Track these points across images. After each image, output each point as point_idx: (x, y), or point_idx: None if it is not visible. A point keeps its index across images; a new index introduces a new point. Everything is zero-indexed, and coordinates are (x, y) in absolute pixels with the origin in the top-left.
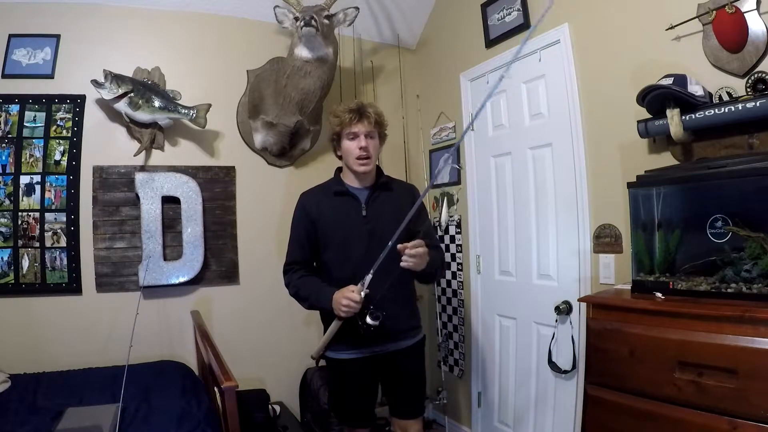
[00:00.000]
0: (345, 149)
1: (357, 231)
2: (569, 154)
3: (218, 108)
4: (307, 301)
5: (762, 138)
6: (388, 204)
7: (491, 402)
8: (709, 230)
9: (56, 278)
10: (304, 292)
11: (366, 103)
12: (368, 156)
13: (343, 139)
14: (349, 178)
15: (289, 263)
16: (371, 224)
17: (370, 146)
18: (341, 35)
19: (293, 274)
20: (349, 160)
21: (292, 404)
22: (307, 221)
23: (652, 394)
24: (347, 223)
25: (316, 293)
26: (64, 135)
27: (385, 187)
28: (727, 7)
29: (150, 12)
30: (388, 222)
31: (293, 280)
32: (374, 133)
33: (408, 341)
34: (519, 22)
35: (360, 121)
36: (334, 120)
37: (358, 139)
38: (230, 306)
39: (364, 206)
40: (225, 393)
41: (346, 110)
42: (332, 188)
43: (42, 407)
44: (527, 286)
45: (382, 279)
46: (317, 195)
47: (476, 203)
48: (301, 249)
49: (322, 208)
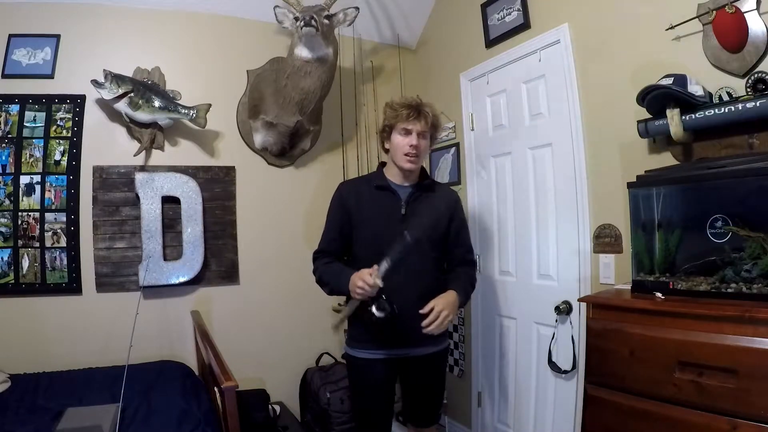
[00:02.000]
0: (395, 143)
1: (392, 229)
2: (569, 154)
3: (218, 108)
4: (329, 286)
5: (762, 138)
6: (427, 206)
7: (491, 402)
8: (709, 230)
9: (56, 278)
10: (326, 277)
11: (424, 102)
12: (417, 155)
13: (394, 133)
14: (392, 174)
15: (319, 251)
16: (407, 224)
17: (421, 145)
18: (341, 35)
19: (320, 260)
20: (397, 155)
21: (292, 404)
22: (342, 211)
23: (652, 394)
24: (384, 218)
25: (338, 277)
26: (64, 135)
27: (428, 188)
28: (727, 7)
29: (150, 12)
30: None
31: (319, 266)
32: (427, 134)
33: (431, 348)
34: (519, 22)
35: (417, 119)
36: (390, 112)
37: (411, 136)
38: (230, 306)
39: (404, 204)
40: (225, 393)
41: (405, 105)
42: (374, 181)
43: (42, 407)
44: (527, 286)
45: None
46: (357, 185)
47: (476, 203)
48: (332, 239)
49: (360, 199)
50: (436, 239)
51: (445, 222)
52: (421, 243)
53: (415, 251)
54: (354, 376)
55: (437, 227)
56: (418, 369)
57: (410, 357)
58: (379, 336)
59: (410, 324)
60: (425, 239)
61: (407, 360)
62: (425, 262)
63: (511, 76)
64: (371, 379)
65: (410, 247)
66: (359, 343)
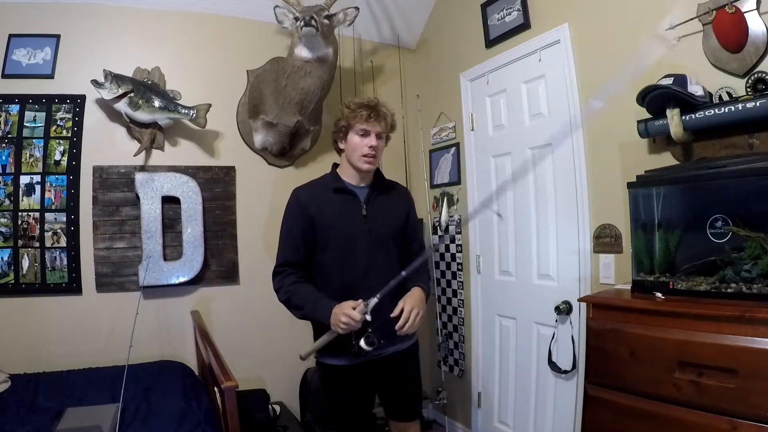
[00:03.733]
0: (351, 144)
1: (358, 230)
2: (569, 154)
3: (218, 108)
4: (301, 311)
5: (762, 138)
6: (386, 204)
7: (491, 402)
8: (709, 230)
9: (56, 278)
10: (297, 301)
11: (381, 102)
12: (375, 155)
13: (351, 134)
14: (348, 175)
15: (281, 264)
16: (371, 224)
17: (379, 146)
18: (341, 35)
19: (285, 278)
20: (354, 156)
21: (292, 404)
22: (303, 219)
23: (652, 394)
24: (348, 221)
25: (313, 304)
26: (64, 135)
27: (383, 187)
28: (727, 7)
29: (150, 12)
30: (386, 222)
31: (285, 285)
32: (383, 135)
33: (404, 344)
34: (519, 22)
35: (376, 120)
36: (347, 112)
37: (370, 137)
38: (230, 306)
39: (364, 205)
40: (225, 393)
41: (362, 105)
42: (330, 185)
43: (42, 407)
44: (527, 286)
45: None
46: (315, 190)
47: (476, 203)
48: (295, 249)
49: (321, 205)
50: (398, 237)
51: (403, 219)
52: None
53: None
54: (329, 384)
55: (397, 225)
56: (391, 367)
57: (385, 356)
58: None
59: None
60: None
61: (382, 360)
62: (392, 261)
63: (511, 76)
64: (351, 385)
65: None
66: (333, 351)
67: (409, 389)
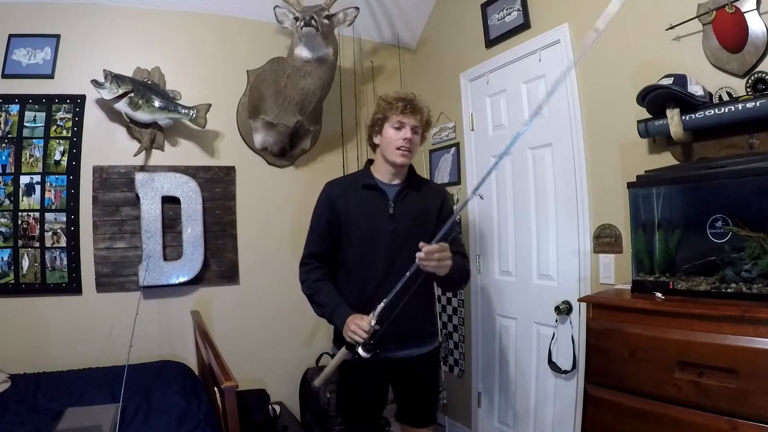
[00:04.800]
0: (387, 137)
1: (382, 229)
2: (569, 154)
3: (218, 108)
4: (322, 310)
5: (762, 138)
6: (415, 204)
7: (491, 402)
8: (709, 230)
9: (56, 278)
10: (320, 299)
11: (418, 97)
12: (410, 149)
13: (386, 126)
14: (380, 172)
15: (308, 255)
16: (396, 223)
17: (414, 140)
18: (341, 35)
19: (311, 272)
20: (389, 149)
21: (292, 404)
22: (330, 212)
23: (652, 394)
24: (373, 219)
25: (333, 308)
26: (64, 135)
27: (415, 186)
28: (727, 7)
29: (150, 12)
30: (413, 223)
31: (310, 279)
32: (419, 130)
33: (423, 348)
34: (519, 22)
35: (413, 113)
36: (384, 104)
37: (405, 130)
38: (230, 306)
39: (392, 203)
40: (225, 393)
41: (399, 98)
42: (360, 180)
43: (42, 407)
44: (527, 286)
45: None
46: (344, 185)
47: (476, 203)
48: (321, 241)
49: (348, 199)
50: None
51: (433, 219)
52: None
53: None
54: (342, 377)
55: (425, 225)
56: (408, 370)
57: (401, 358)
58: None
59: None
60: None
61: (398, 361)
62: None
63: (511, 76)
64: (361, 381)
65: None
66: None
67: (426, 394)
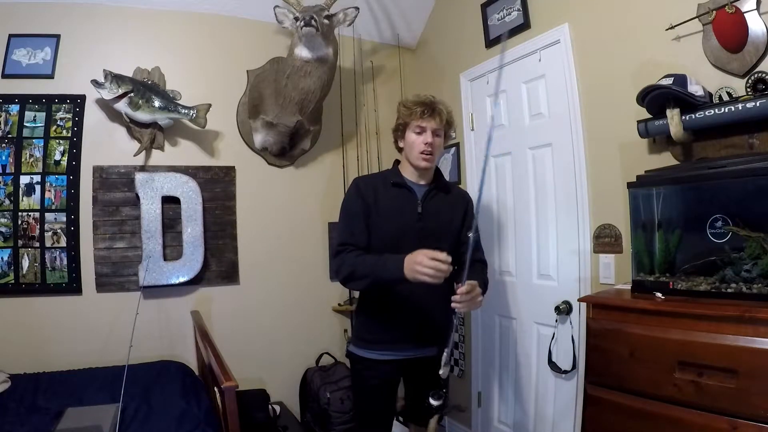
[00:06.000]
0: (409, 142)
1: (410, 227)
2: (569, 154)
3: (218, 108)
4: (368, 278)
5: (762, 138)
6: (443, 205)
7: (491, 402)
8: (709, 230)
9: (56, 278)
10: (363, 269)
11: (438, 100)
12: (432, 153)
13: (408, 132)
14: (408, 172)
15: (343, 244)
16: (424, 222)
17: (435, 143)
18: (341, 35)
19: (347, 254)
20: (412, 154)
21: (292, 404)
22: (362, 203)
23: (652, 394)
24: (402, 216)
25: (381, 264)
26: (64, 135)
27: (442, 187)
28: (727, 7)
29: (150, 12)
30: (441, 223)
31: (348, 259)
32: (441, 132)
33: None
34: (519, 22)
35: (432, 117)
36: (404, 110)
37: (425, 134)
38: (230, 306)
39: (420, 203)
40: (225, 393)
41: (418, 102)
42: (390, 178)
43: (42, 407)
44: (527, 286)
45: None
46: (374, 181)
47: (476, 203)
48: (358, 231)
49: (378, 195)
50: (451, 240)
51: (458, 222)
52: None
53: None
54: (358, 376)
55: (452, 227)
56: (425, 370)
57: (418, 358)
58: (390, 336)
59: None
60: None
61: (414, 361)
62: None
63: (511, 76)
64: (376, 380)
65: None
66: (367, 344)
67: None
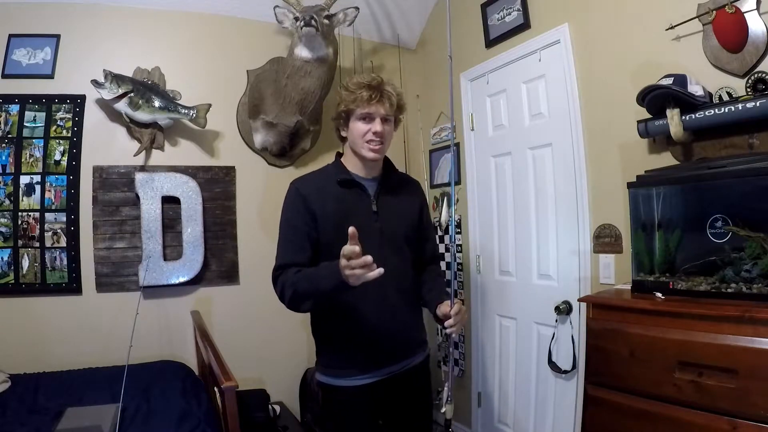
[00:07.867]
0: (354, 131)
1: (367, 229)
2: (569, 154)
3: (218, 108)
4: (311, 294)
5: (762, 138)
6: (397, 199)
7: (491, 402)
8: (709, 230)
9: (56, 278)
10: (304, 285)
11: (385, 80)
12: (382, 142)
13: (352, 119)
14: (353, 166)
15: (281, 266)
16: (381, 221)
17: (385, 131)
18: (341, 35)
19: (286, 275)
20: (358, 144)
21: (292, 404)
22: (307, 215)
23: (652, 394)
24: (356, 218)
25: (317, 275)
26: (64, 135)
27: (394, 180)
28: (727, 7)
29: (150, 12)
30: (399, 219)
31: (288, 280)
32: (391, 118)
33: (416, 358)
34: (519, 22)
35: (380, 102)
36: (347, 95)
37: (374, 122)
38: (230, 306)
39: (374, 200)
40: (225, 393)
41: (363, 85)
42: (335, 176)
43: (42, 407)
44: (527, 286)
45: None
46: (316, 181)
47: (476, 203)
48: (299, 249)
49: (324, 198)
50: (411, 236)
51: (416, 215)
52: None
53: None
54: (333, 408)
55: (411, 223)
56: (407, 383)
57: (399, 373)
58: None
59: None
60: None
61: (395, 378)
62: (405, 263)
63: (511, 76)
64: (355, 410)
65: (394, 247)
66: (337, 370)
67: (419, 408)
